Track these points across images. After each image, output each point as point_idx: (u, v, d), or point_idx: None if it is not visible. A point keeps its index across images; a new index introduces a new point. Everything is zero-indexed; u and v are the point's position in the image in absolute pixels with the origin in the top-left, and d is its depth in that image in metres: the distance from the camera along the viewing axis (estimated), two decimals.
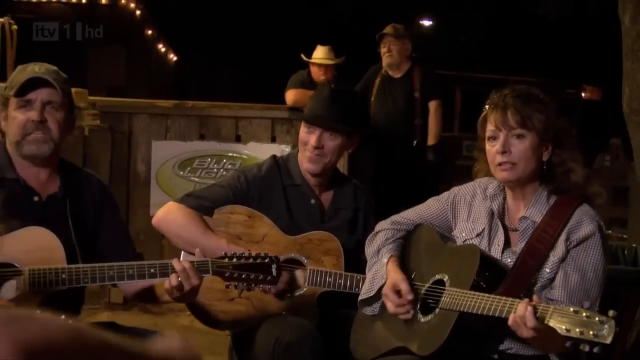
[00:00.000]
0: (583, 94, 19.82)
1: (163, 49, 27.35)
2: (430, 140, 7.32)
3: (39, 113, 3.12)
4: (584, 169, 3.05)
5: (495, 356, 2.93)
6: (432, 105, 7.29)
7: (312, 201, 3.66)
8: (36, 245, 3.04)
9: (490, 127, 2.99)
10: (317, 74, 7.57)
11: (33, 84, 3.12)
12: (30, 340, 1.49)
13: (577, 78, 18.90)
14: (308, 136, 3.60)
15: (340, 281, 3.41)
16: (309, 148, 3.59)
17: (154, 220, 3.71)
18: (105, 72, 20.38)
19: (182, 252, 3.62)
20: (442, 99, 7.40)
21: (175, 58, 29.87)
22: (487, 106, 3.04)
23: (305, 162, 3.61)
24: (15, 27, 8.85)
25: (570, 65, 18.85)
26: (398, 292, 3.03)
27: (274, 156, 3.80)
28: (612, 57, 4.26)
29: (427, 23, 24.78)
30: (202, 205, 3.59)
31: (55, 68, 3.26)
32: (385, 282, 3.11)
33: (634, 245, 4.17)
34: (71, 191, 3.26)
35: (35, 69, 3.18)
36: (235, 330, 3.61)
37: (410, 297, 3.01)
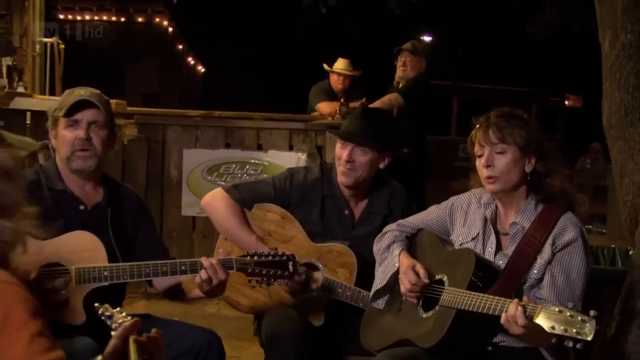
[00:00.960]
0: (566, 102, 19.79)
1: (192, 62, 27.35)
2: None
3: (85, 131, 3.13)
4: (566, 178, 3.06)
5: (490, 348, 2.92)
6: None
7: (346, 212, 3.60)
8: (81, 247, 3.05)
9: (476, 145, 3.00)
10: (335, 82, 7.53)
11: (79, 105, 3.14)
12: None
13: (561, 88, 18.88)
14: (342, 151, 3.53)
15: (348, 294, 3.38)
16: (342, 162, 3.52)
17: (203, 201, 3.71)
18: (141, 82, 20.38)
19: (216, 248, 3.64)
20: (404, 97, 6.79)
21: (203, 69, 29.88)
22: (478, 124, 3.03)
23: (339, 175, 3.56)
24: (62, 46, 8.85)
25: (555, 77, 18.83)
26: (417, 274, 3.01)
27: (322, 165, 3.76)
28: (592, 69, 4.23)
29: (427, 39, 24.73)
30: (245, 199, 3.58)
31: (98, 91, 3.27)
32: (397, 270, 3.11)
33: (612, 246, 4.15)
34: (113, 202, 3.27)
35: (81, 92, 3.20)
36: (252, 313, 3.61)
37: (426, 279, 3.00)
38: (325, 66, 7.59)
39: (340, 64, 7.55)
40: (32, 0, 8.74)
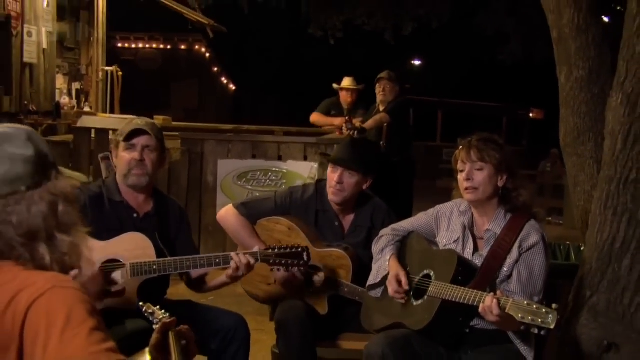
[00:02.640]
0: (531, 115, 19.73)
1: (225, 81, 27.31)
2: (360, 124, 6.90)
3: (140, 154, 3.13)
4: (529, 193, 3.04)
5: (467, 330, 2.91)
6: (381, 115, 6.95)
7: (336, 223, 3.55)
8: (134, 245, 3.06)
9: (459, 162, 2.99)
10: (345, 97, 7.47)
11: (136, 133, 3.15)
12: None
13: (526, 103, 18.83)
14: (333, 174, 3.49)
15: (346, 289, 3.35)
16: (332, 184, 3.49)
17: (218, 216, 3.68)
18: (183, 98, 20.41)
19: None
20: (391, 115, 6.89)
21: (234, 87, 29.86)
22: (460, 145, 3.03)
23: (330, 195, 3.52)
24: (120, 73, 8.89)
25: (521, 94, 18.77)
26: (399, 282, 3.01)
27: (317, 183, 3.70)
28: (551, 89, 4.21)
29: (417, 62, 24.70)
30: (251, 214, 3.55)
31: (152, 121, 3.28)
32: (388, 273, 3.09)
33: (567, 243, 4.15)
34: (160, 211, 3.27)
35: (138, 122, 3.20)
36: (267, 304, 3.60)
37: (407, 287, 3.00)
38: (335, 85, 7.55)
39: (346, 82, 7.50)
40: (96, 36, 8.77)
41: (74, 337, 1.48)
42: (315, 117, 7.51)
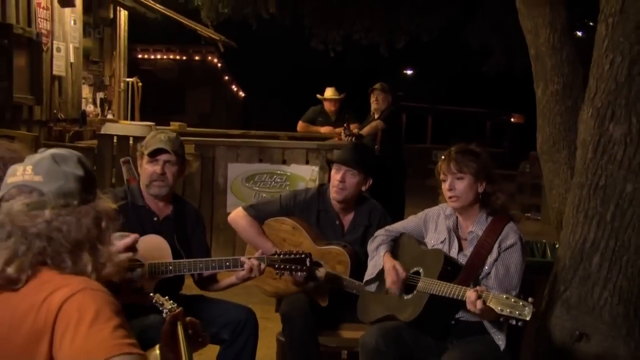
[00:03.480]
0: (512, 119, 19.72)
1: (235, 89, 27.17)
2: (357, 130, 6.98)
3: (161, 168, 3.14)
4: (507, 196, 3.04)
5: (453, 322, 2.93)
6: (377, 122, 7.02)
7: (337, 222, 3.55)
8: (153, 247, 3.05)
9: (442, 174, 2.98)
10: (328, 106, 7.55)
11: (159, 151, 3.15)
12: None
13: (508, 109, 18.81)
14: (336, 174, 3.48)
15: (344, 283, 3.34)
16: (335, 183, 3.47)
17: (229, 218, 3.66)
18: (197, 103, 20.37)
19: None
20: (385, 122, 6.98)
21: (243, 94, 29.76)
22: (442, 157, 3.02)
23: (333, 193, 3.50)
24: (140, 83, 8.89)
25: (503, 101, 18.74)
26: (396, 271, 3.00)
27: (319, 186, 3.69)
28: (530, 96, 4.20)
29: (409, 72, 24.67)
30: (259, 216, 3.54)
31: (175, 135, 3.26)
32: (382, 268, 3.09)
33: (544, 241, 4.14)
34: (178, 215, 3.27)
35: (161, 137, 3.18)
36: (274, 297, 3.60)
37: (403, 275, 2.99)
38: (319, 95, 7.59)
39: (329, 92, 7.55)
40: (118, 50, 8.78)
41: (100, 331, 1.52)
42: (302, 127, 7.59)
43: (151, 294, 2.21)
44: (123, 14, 9.06)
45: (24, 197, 1.65)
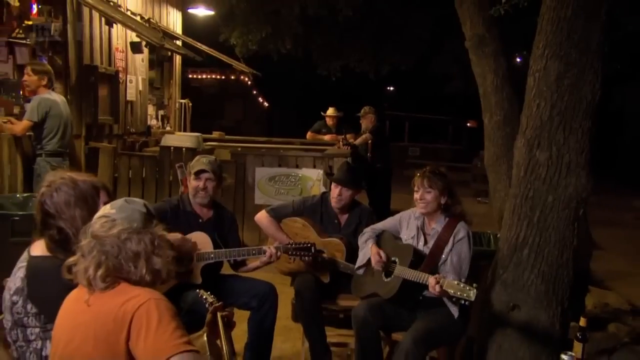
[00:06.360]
0: (468, 124, 19.55)
1: (261, 100, 26.97)
2: (352, 140, 6.99)
3: (203, 183, 3.16)
4: (462, 206, 3.03)
5: (421, 298, 2.94)
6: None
7: (335, 221, 3.55)
8: (198, 241, 3.08)
9: (416, 186, 2.98)
10: (329, 121, 7.51)
11: (202, 172, 3.17)
12: None
13: (464, 116, 18.66)
14: (335, 189, 3.49)
15: (342, 265, 3.35)
16: (334, 195, 3.49)
17: (255, 218, 3.61)
18: (233, 112, 20.40)
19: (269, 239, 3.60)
20: (372, 135, 7.00)
21: (267, 105, 29.49)
22: (417, 174, 3.02)
23: (333, 202, 3.51)
24: (190, 104, 8.86)
25: (461, 110, 18.57)
26: (379, 255, 3.02)
27: (323, 194, 3.66)
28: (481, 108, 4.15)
29: (391, 89, 24.48)
30: (277, 217, 3.54)
31: (214, 159, 3.26)
32: (369, 257, 3.10)
33: (489, 231, 4.13)
34: (217, 217, 3.27)
35: (204, 160, 3.20)
36: (289, 275, 3.57)
37: (385, 259, 3.01)
38: (322, 113, 7.61)
39: (330, 111, 7.54)
40: (174, 79, 8.75)
41: (163, 333, 1.56)
42: (310, 136, 7.58)
43: (197, 290, 2.21)
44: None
45: (102, 221, 1.72)
